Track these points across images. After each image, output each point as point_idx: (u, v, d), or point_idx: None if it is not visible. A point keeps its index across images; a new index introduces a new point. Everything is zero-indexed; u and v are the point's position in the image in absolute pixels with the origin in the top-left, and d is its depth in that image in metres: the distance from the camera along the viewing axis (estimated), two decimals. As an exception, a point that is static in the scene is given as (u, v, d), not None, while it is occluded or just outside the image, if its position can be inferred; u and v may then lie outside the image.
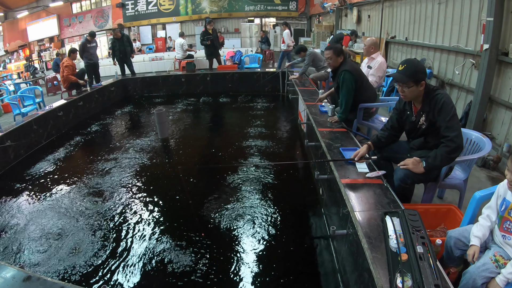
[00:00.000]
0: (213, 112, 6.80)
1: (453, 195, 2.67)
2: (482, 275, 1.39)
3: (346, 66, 3.17)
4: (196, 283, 2.13)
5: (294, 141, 4.72)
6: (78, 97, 6.13)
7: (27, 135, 4.62)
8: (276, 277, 2.16)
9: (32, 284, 1.48)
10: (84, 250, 2.49)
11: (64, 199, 3.29)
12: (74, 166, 4.17)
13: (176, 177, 3.65)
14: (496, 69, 3.43)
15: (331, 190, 2.45)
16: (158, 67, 11.08)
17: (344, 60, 3.27)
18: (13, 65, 15.47)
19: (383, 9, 6.78)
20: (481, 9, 3.66)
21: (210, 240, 2.51)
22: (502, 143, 3.34)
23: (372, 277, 1.42)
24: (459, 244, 1.59)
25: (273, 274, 2.19)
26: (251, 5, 15.70)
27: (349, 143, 2.80)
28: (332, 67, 3.36)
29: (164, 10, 16.31)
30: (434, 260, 1.38)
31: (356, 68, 3.23)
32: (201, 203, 3.03)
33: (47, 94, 8.97)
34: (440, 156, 1.87)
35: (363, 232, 1.63)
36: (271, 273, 2.19)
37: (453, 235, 1.62)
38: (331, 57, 3.27)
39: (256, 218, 2.77)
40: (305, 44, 11.62)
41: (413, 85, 1.93)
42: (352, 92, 3.15)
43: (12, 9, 17.89)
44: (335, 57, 3.26)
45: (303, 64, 5.84)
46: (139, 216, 2.91)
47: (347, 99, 3.17)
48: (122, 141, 4.93)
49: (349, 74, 3.10)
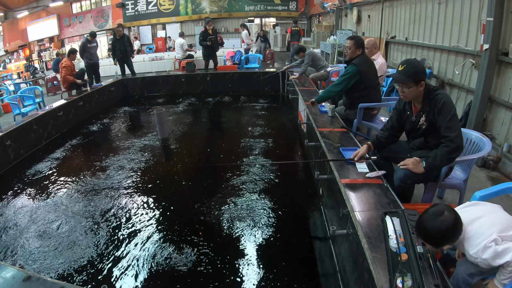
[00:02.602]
0: (213, 112, 6.80)
1: (453, 195, 2.67)
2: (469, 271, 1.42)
3: (357, 61, 3.16)
4: (196, 283, 2.13)
5: (294, 141, 4.72)
6: (78, 97, 6.13)
7: (27, 135, 4.62)
8: (276, 277, 2.16)
9: (32, 284, 1.48)
10: (84, 250, 2.49)
11: (64, 199, 3.29)
12: (74, 166, 4.17)
13: (176, 177, 3.65)
14: (496, 69, 3.43)
15: (331, 190, 2.45)
16: (158, 67, 11.08)
17: (360, 54, 3.25)
18: (13, 65, 15.47)
19: (383, 9, 6.78)
20: (481, 9, 3.66)
21: (210, 240, 2.51)
22: (502, 143, 3.34)
23: (372, 277, 1.42)
24: None
25: (272, 274, 2.18)
26: (251, 5, 15.69)
27: (349, 143, 2.80)
28: (349, 57, 3.33)
29: (164, 10, 16.30)
30: (434, 260, 1.39)
31: (366, 67, 3.20)
32: (201, 203, 3.03)
33: (47, 94, 8.97)
34: (440, 156, 1.87)
35: (363, 232, 1.63)
36: (270, 273, 2.19)
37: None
38: (351, 47, 3.25)
39: (255, 218, 2.77)
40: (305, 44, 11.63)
41: (413, 85, 1.93)
42: (344, 85, 3.15)
43: (12, 9, 17.88)
44: (354, 49, 3.24)
45: (302, 65, 5.85)
46: (139, 216, 2.91)
47: (334, 87, 3.18)
48: (122, 141, 4.93)
49: (355, 68, 3.09)
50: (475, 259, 1.32)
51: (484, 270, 1.38)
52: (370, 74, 3.27)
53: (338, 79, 3.25)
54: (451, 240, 1.33)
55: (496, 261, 1.27)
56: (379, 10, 7.04)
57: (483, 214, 1.40)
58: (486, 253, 1.28)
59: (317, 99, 3.45)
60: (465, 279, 1.42)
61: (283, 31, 14.83)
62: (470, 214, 1.41)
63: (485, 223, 1.35)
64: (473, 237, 1.33)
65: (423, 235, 1.35)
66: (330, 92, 3.32)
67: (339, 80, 3.24)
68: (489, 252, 1.27)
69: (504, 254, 1.26)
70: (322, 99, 3.45)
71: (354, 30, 8.82)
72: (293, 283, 2.10)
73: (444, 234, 1.30)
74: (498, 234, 1.29)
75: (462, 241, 1.35)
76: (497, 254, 1.26)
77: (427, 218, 1.33)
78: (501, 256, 1.26)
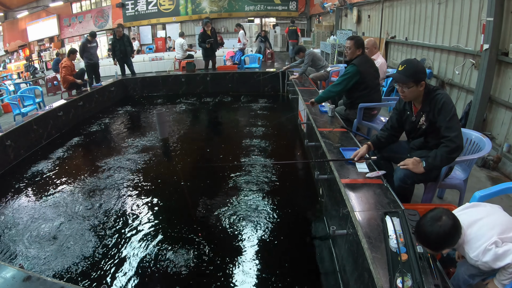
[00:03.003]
0: (213, 112, 6.80)
1: (453, 195, 2.67)
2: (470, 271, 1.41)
3: (357, 61, 3.17)
4: (196, 283, 2.13)
5: (294, 141, 4.72)
6: (78, 97, 6.13)
7: (27, 135, 4.62)
8: (275, 277, 2.16)
9: (32, 284, 1.48)
10: (84, 250, 2.49)
11: (64, 199, 3.29)
12: (74, 166, 4.17)
13: (176, 178, 3.65)
14: (496, 69, 3.43)
15: (331, 190, 2.45)
16: (158, 67, 11.07)
17: (360, 54, 3.25)
18: (13, 65, 15.48)
19: (383, 9, 6.78)
20: (481, 9, 3.66)
21: (210, 240, 2.51)
22: (502, 143, 3.34)
23: (372, 277, 1.42)
24: None
25: (272, 274, 2.18)
26: (251, 5, 15.69)
27: (349, 143, 2.80)
28: (349, 58, 3.34)
29: (164, 10, 16.30)
30: (434, 260, 1.39)
31: (367, 67, 3.20)
32: (201, 203, 3.03)
33: (47, 94, 8.97)
34: (440, 156, 1.87)
35: (363, 232, 1.63)
36: (270, 273, 2.19)
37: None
38: (351, 47, 3.26)
39: (255, 218, 2.77)
40: (305, 44, 11.64)
41: (413, 85, 1.93)
42: (344, 84, 3.15)
43: (12, 9, 17.88)
44: (354, 49, 3.25)
45: (302, 65, 5.85)
46: (139, 216, 2.91)
47: (334, 88, 3.19)
48: (122, 141, 4.92)
49: (354, 68, 3.10)
50: (476, 262, 1.31)
51: (485, 272, 1.38)
52: (370, 74, 3.27)
53: (338, 79, 3.25)
54: (450, 244, 1.33)
55: (497, 264, 1.27)
56: (379, 10, 7.04)
57: (482, 216, 1.39)
58: (487, 256, 1.27)
59: (317, 99, 3.45)
60: (466, 280, 1.42)
61: (283, 31, 14.83)
62: (470, 216, 1.41)
63: (484, 225, 1.34)
64: (473, 240, 1.32)
65: (422, 240, 1.35)
66: (330, 92, 3.32)
67: (339, 80, 3.24)
68: (490, 255, 1.27)
69: (505, 256, 1.25)
70: (322, 100, 3.46)
71: (354, 30, 8.82)
72: (293, 283, 2.10)
73: (442, 238, 1.30)
74: (498, 236, 1.28)
75: (462, 244, 1.35)
76: (497, 257, 1.26)
77: (426, 223, 1.33)
78: (501, 259, 1.26)
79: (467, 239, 1.34)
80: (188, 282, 2.14)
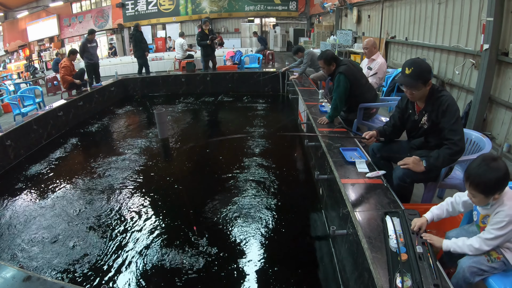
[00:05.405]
0: (213, 112, 6.80)
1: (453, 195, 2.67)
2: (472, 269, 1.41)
3: (341, 68, 3.17)
4: (195, 283, 2.13)
5: (294, 141, 4.72)
6: (78, 97, 6.13)
7: (27, 135, 4.62)
8: (276, 277, 2.16)
9: (32, 284, 1.48)
10: (84, 250, 2.49)
11: (64, 199, 3.29)
12: (74, 166, 4.17)
13: (176, 177, 3.65)
14: (496, 69, 3.43)
15: (331, 190, 2.45)
16: (158, 67, 11.06)
17: (337, 64, 3.27)
18: (13, 65, 15.47)
19: (383, 9, 6.78)
20: (481, 9, 3.66)
21: (210, 240, 2.51)
22: (502, 143, 3.34)
23: (372, 277, 1.42)
24: None
25: (272, 274, 2.18)
26: (251, 5, 15.68)
27: (349, 143, 2.80)
28: (328, 74, 3.42)
29: (164, 10, 16.29)
30: (434, 260, 1.39)
31: (353, 71, 3.20)
32: (201, 203, 3.03)
33: (47, 94, 8.96)
34: (442, 158, 1.88)
35: (363, 232, 1.63)
36: (270, 273, 2.19)
37: (452, 235, 1.62)
38: (323, 66, 3.34)
39: (255, 218, 2.77)
40: (305, 44, 11.64)
41: (422, 86, 1.94)
42: (343, 95, 3.16)
43: (12, 9, 17.88)
44: (327, 67, 3.32)
45: (301, 65, 5.85)
46: (139, 216, 2.91)
47: (338, 101, 3.20)
48: (122, 141, 4.92)
49: (343, 77, 3.12)
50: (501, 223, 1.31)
51: (487, 269, 1.37)
52: (358, 76, 3.25)
53: (335, 94, 3.20)
54: (502, 188, 1.32)
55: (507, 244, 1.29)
56: (379, 10, 7.04)
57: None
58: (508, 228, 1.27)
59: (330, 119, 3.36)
60: (467, 278, 1.41)
61: (283, 31, 14.82)
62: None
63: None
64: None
65: (478, 180, 1.32)
66: (337, 108, 3.27)
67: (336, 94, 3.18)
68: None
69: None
70: (334, 117, 3.38)
71: (354, 30, 8.81)
72: (293, 283, 2.10)
73: (502, 179, 1.29)
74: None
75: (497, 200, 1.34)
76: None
77: (483, 163, 1.32)
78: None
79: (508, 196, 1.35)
80: (188, 282, 2.14)
